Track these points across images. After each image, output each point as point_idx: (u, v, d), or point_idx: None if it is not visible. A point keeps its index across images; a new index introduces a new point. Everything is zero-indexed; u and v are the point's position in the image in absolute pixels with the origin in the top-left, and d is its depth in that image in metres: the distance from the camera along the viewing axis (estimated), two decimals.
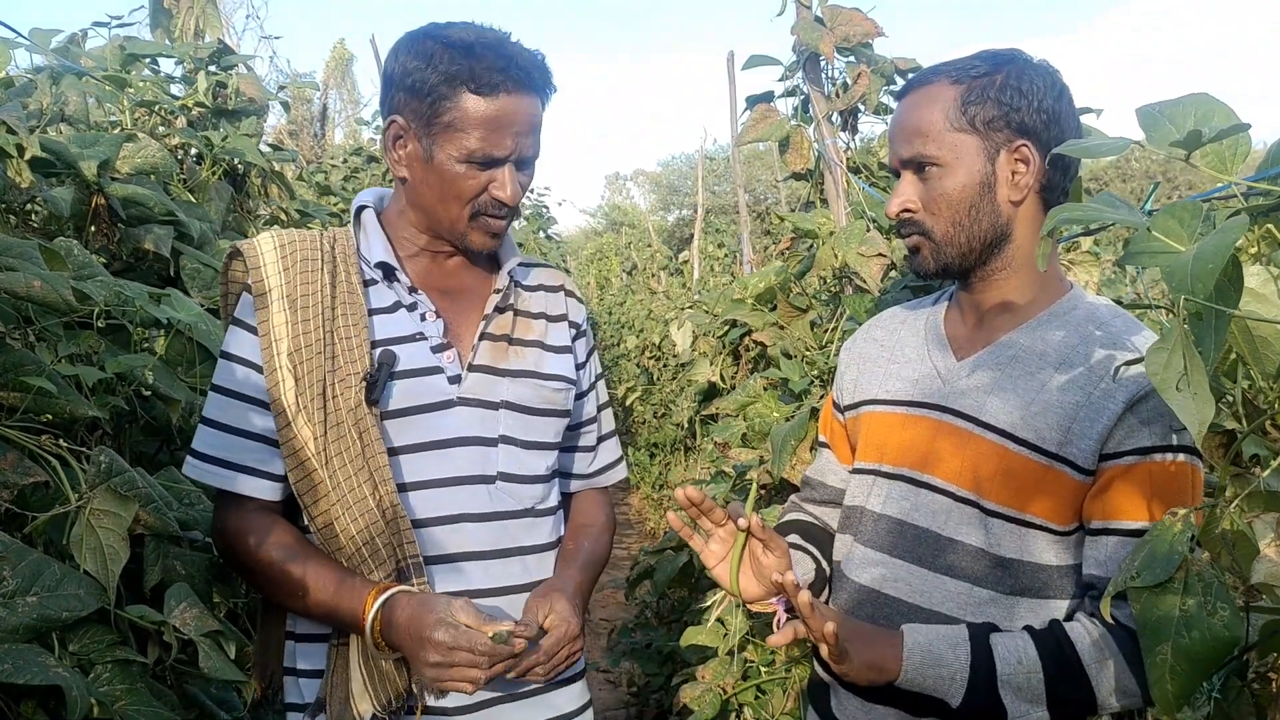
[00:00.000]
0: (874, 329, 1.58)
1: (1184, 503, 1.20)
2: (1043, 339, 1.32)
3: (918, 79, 1.36)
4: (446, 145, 1.35)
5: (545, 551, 1.47)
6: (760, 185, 18.86)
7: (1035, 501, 1.27)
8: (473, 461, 1.40)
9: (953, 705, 1.22)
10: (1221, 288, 0.83)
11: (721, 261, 11.72)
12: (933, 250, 1.34)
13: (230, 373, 1.39)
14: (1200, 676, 0.92)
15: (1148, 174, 20.86)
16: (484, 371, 1.43)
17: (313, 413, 1.34)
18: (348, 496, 1.33)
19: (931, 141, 1.30)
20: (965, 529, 1.30)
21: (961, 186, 1.30)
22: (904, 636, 1.24)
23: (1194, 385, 0.83)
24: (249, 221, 2.77)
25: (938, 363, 1.41)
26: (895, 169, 1.37)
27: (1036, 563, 1.28)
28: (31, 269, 1.36)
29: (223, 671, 1.30)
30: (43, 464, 1.31)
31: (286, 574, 1.33)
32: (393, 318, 1.42)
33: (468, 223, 1.40)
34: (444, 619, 1.25)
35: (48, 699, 1.16)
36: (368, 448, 1.34)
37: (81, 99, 2.18)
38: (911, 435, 1.38)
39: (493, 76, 1.32)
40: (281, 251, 1.41)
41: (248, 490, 1.38)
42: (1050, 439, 1.25)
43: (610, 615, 5.08)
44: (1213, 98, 0.97)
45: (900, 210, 1.35)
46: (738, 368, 3.52)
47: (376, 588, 1.30)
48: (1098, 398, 1.24)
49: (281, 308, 1.38)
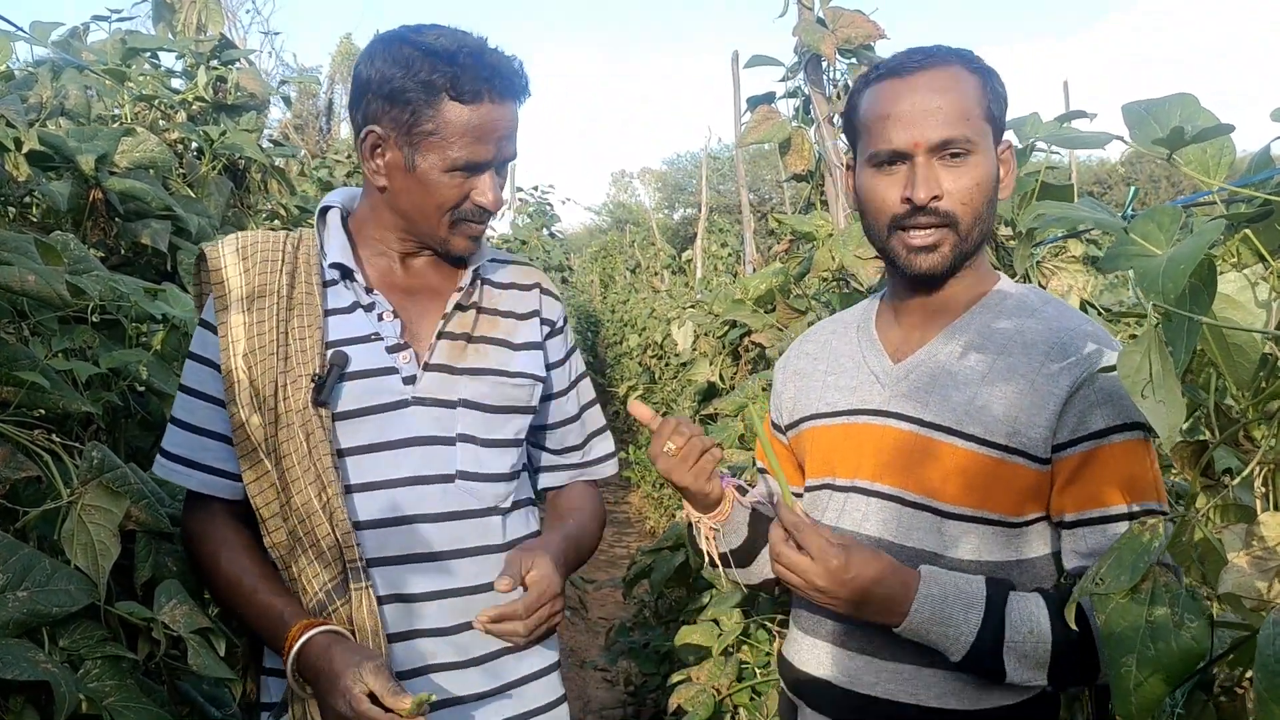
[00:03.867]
0: (805, 344, 1.53)
1: (1147, 479, 1.20)
2: (977, 332, 1.30)
3: (927, 59, 1.26)
4: (429, 154, 1.34)
5: (507, 551, 1.43)
6: (765, 185, 18.85)
7: (992, 497, 1.24)
8: (429, 461, 1.39)
9: (951, 659, 1.20)
10: (1194, 291, 0.83)
11: (725, 261, 11.72)
12: (954, 245, 1.26)
13: (195, 373, 1.40)
14: (1167, 689, 0.91)
15: (1152, 178, 20.83)
16: (441, 370, 1.42)
17: (264, 413, 1.35)
18: (295, 499, 1.33)
19: (970, 125, 1.23)
20: (920, 535, 1.27)
21: (988, 177, 1.26)
22: (919, 583, 1.19)
23: (1165, 390, 0.83)
24: (249, 217, 2.77)
25: (874, 368, 1.37)
26: (907, 152, 1.24)
27: (994, 561, 1.25)
28: (26, 263, 1.35)
29: (211, 669, 1.29)
30: (35, 459, 1.31)
31: (229, 585, 1.35)
32: (349, 318, 1.42)
33: (449, 229, 1.40)
34: (348, 688, 1.19)
35: (37, 695, 1.15)
36: (314, 449, 1.33)
37: (82, 93, 2.18)
38: (856, 445, 1.34)
39: (476, 85, 1.32)
40: (242, 254, 1.42)
41: (211, 490, 1.39)
42: (998, 431, 1.23)
43: (608, 614, 5.08)
44: (1196, 100, 0.97)
45: (932, 197, 1.23)
46: (737, 368, 3.52)
47: (302, 623, 1.29)
48: (1041, 384, 1.22)
49: (240, 309, 1.38)
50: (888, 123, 1.25)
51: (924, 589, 1.19)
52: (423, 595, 1.37)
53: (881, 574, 1.19)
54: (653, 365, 8.86)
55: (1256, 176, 1.03)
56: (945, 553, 1.26)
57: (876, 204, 1.29)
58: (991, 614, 1.18)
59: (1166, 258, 0.81)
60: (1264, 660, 0.76)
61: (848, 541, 1.21)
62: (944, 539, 1.26)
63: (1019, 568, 1.26)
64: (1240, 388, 0.93)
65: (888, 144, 1.25)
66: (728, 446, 2.65)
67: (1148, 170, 21.48)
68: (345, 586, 1.32)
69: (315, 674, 1.25)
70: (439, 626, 1.38)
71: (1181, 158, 0.95)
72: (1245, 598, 0.86)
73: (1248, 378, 0.92)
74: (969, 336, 1.30)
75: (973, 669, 1.20)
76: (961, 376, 1.28)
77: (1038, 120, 1.65)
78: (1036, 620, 1.18)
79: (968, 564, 1.25)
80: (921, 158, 1.23)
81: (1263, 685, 0.75)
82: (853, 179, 1.36)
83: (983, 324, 1.30)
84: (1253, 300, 0.92)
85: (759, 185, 20.21)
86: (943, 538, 1.26)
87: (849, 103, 1.36)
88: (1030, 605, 1.20)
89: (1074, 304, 1.49)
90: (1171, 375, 0.84)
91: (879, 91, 1.28)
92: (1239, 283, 0.93)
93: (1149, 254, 0.85)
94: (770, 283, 2.96)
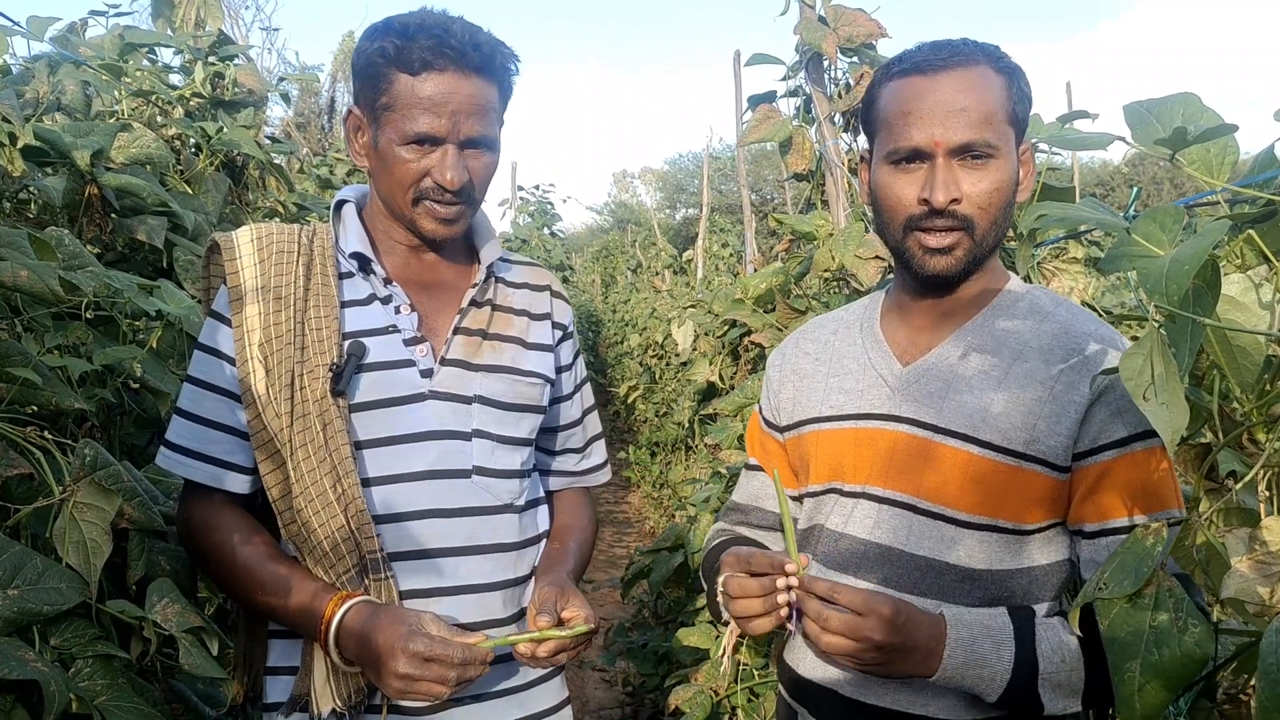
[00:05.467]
0: (804, 342, 1.48)
1: (1168, 487, 1.18)
2: (990, 336, 1.27)
3: (953, 56, 1.22)
4: (386, 128, 1.33)
5: (518, 549, 1.44)
6: (766, 185, 18.84)
7: (1005, 505, 1.22)
8: (446, 455, 1.38)
9: (986, 700, 1.17)
10: (1198, 293, 0.82)
11: (726, 261, 11.70)
12: (969, 249, 1.23)
13: (204, 365, 1.39)
14: (1170, 695, 0.90)
15: (1154, 179, 20.82)
16: (457, 366, 1.42)
17: (280, 403, 1.34)
18: (310, 489, 1.32)
19: (993, 129, 1.20)
20: (930, 543, 1.24)
21: (1009, 181, 1.22)
22: (946, 629, 1.16)
23: (1168, 392, 0.82)
24: (247, 214, 2.76)
25: (882, 370, 1.33)
26: (928, 152, 1.21)
27: (1006, 570, 1.24)
28: (19, 258, 1.34)
29: (203, 669, 1.28)
30: (28, 456, 1.30)
31: (248, 570, 1.33)
32: (366, 310, 1.41)
33: (412, 208, 1.38)
34: (416, 629, 1.22)
35: (28, 694, 1.15)
36: (331, 440, 1.33)
37: (79, 88, 2.17)
38: (865, 450, 1.30)
39: (423, 54, 1.30)
40: (258, 244, 1.41)
41: (216, 482, 1.37)
42: (1016, 439, 1.20)
43: (607, 614, 5.07)
44: (1199, 99, 0.96)
45: (950, 200, 1.20)
46: (737, 368, 3.51)
47: (338, 595, 1.29)
48: (1060, 391, 1.20)
49: (255, 300, 1.37)
50: (909, 120, 1.22)
51: (953, 633, 1.16)
52: (434, 591, 1.36)
53: (920, 617, 1.16)
54: (653, 365, 8.85)
55: (1260, 176, 1.02)
56: (954, 561, 1.24)
57: (892, 202, 1.26)
58: (1023, 649, 1.16)
59: (1169, 259, 0.80)
60: (1266, 668, 0.75)
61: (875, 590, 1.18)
62: (953, 547, 1.24)
63: (1024, 575, 1.25)
64: (1244, 390, 0.92)
65: (908, 141, 1.22)
66: (726, 447, 2.65)
67: (1150, 171, 21.46)
68: (360, 580, 1.31)
69: (362, 642, 1.24)
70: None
71: (1184, 158, 0.94)
72: (1248, 603, 0.85)
73: (1251, 380, 0.91)
74: (981, 340, 1.27)
75: (1008, 706, 1.18)
76: (975, 381, 1.25)
77: (1039, 121, 1.64)
78: (1067, 647, 1.17)
79: (976, 572, 1.23)
80: (942, 159, 1.20)
81: (1265, 694, 0.74)
82: (868, 173, 1.33)
83: (995, 327, 1.28)
84: (1256, 302, 0.91)
85: (761, 185, 20.19)
86: (952, 546, 1.24)
87: (867, 95, 1.32)
88: (1059, 633, 1.18)
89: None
90: (1174, 378, 0.83)
91: (902, 87, 1.24)
92: (1243, 284, 0.92)
93: (1151, 255, 0.84)
94: (770, 282, 2.96)
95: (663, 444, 7.83)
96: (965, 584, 1.24)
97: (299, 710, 1.34)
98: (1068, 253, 1.93)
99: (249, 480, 1.38)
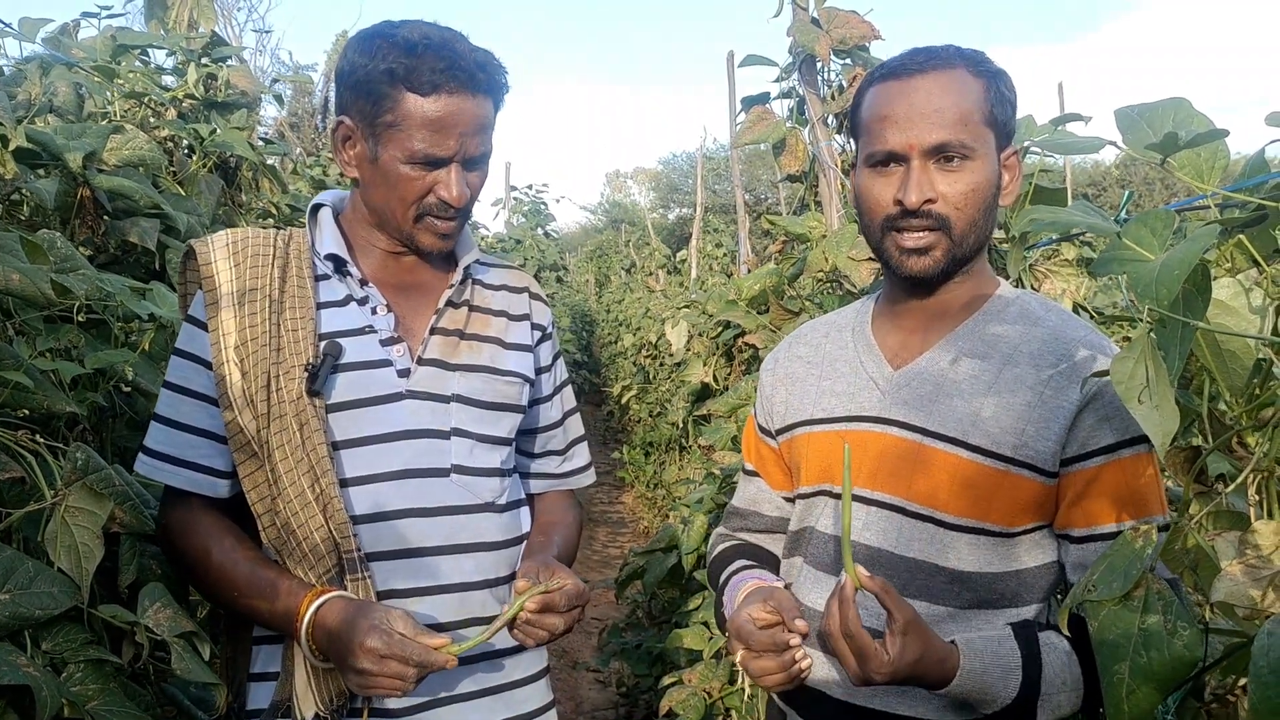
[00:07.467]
0: (797, 346, 1.49)
1: (1155, 493, 1.19)
2: (980, 340, 1.28)
3: (929, 60, 1.24)
4: (390, 145, 1.33)
5: (500, 549, 1.44)
6: (760, 185, 18.86)
7: (993, 508, 1.23)
8: (424, 454, 1.38)
9: (981, 712, 1.20)
10: (1188, 297, 0.83)
11: (720, 261, 11.71)
12: (947, 250, 1.24)
13: (182, 370, 1.39)
14: (1159, 698, 0.90)
15: (1146, 181, 20.88)
16: (434, 365, 1.42)
17: (257, 405, 1.34)
18: (288, 490, 1.32)
19: (968, 130, 1.22)
20: (920, 545, 1.25)
21: (986, 182, 1.24)
22: (959, 659, 1.16)
23: (1158, 396, 0.82)
24: (240, 215, 2.75)
25: (873, 373, 1.34)
26: (903, 154, 1.23)
27: (995, 572, 1.24)
28: (11, 261, 1.34)
29: (195, 673, 1.28)
30: (19, 459, 1.30)
31: (224, 571, 1.33)
32: (342, 311, 1.41)
33: (414, 224, 1.39)
34: (378, 625, 1.22)
35: (20, 698, 1.14)
36: (308, 440, 1.33)
37: (71, 90, 2.17)
38: (859, 453, 1.30)
39: (434, 76, 1.30)
40: (233, 249, 1.41)
41: (196, 487, 1.37)
42: (1005, 443, 1.21)
43: (601, 615, 5.07)
44: (1190, 104, 0.96)
45: (924, 201, 1.22)
46: (730, 369, 3.52)
47: (313, 591, 1.29)
48: (1049, 396, 1.21)
49: (231, 304, 1.37)
50: (885, 124, 1.24)
51: (965, 663, 1.16)
52: (414, 591, 1.36)
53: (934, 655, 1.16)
54: (647, 365, 8.85)
55: (1251, 180, 1.02)
56: (943, 563, 1.24)
57: (870, 204, 1.29)
58: (1028, 681, 1.18)
59: (1160, 263, 0.81)
60: (1258, 671, 0.75)
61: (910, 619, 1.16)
62: (943, 549, 1.24)
63: (1014, 578, 1.25)
64: (1234, 394, 0.92)
65: (884, 145, 1.24)
66: (720, 448, 2.65)
67: (1142, 173, 21.52)
68: (340, 580, 1.31)
69: (331, 636, 1.25)
70: (430, 624, 1.36)
71: (1175, 162, 0.94)
72: (1239, 606, 0.86)
73: (1241, 384, 0.91)
74: (972, 344, 1.28)
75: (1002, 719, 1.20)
76: (966, 385, 1.26)
77: (1031, 123, 1.64)
78: (1069, 668, 1.19)
79: (965, 574, 1.24)
80: (916, 160, 1.22)
81: (1256, 696, 0.74)
82: (855, 177, 1.36)
83: (985, 331, 1.29)
84: (1246, 306, 0.92)
85: (754, 185, 20.21)
86: (942, 548, 1.24)
87: (854, 100, 1.35)
88: (1062, 656, 1.20)
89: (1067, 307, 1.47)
90: (1165, 381, 0.83)
91: (879, 92, 1.27)
92: (1233, 288, 0.92)
93: (1143, 259, 0.85)
94: (764, 283, 2.96)
95: (656, 444, 7.83)
96: (954, 586, 1.24)
97: (282, 716, 1.33)
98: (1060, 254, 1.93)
99: (228, 484, 1.38)
